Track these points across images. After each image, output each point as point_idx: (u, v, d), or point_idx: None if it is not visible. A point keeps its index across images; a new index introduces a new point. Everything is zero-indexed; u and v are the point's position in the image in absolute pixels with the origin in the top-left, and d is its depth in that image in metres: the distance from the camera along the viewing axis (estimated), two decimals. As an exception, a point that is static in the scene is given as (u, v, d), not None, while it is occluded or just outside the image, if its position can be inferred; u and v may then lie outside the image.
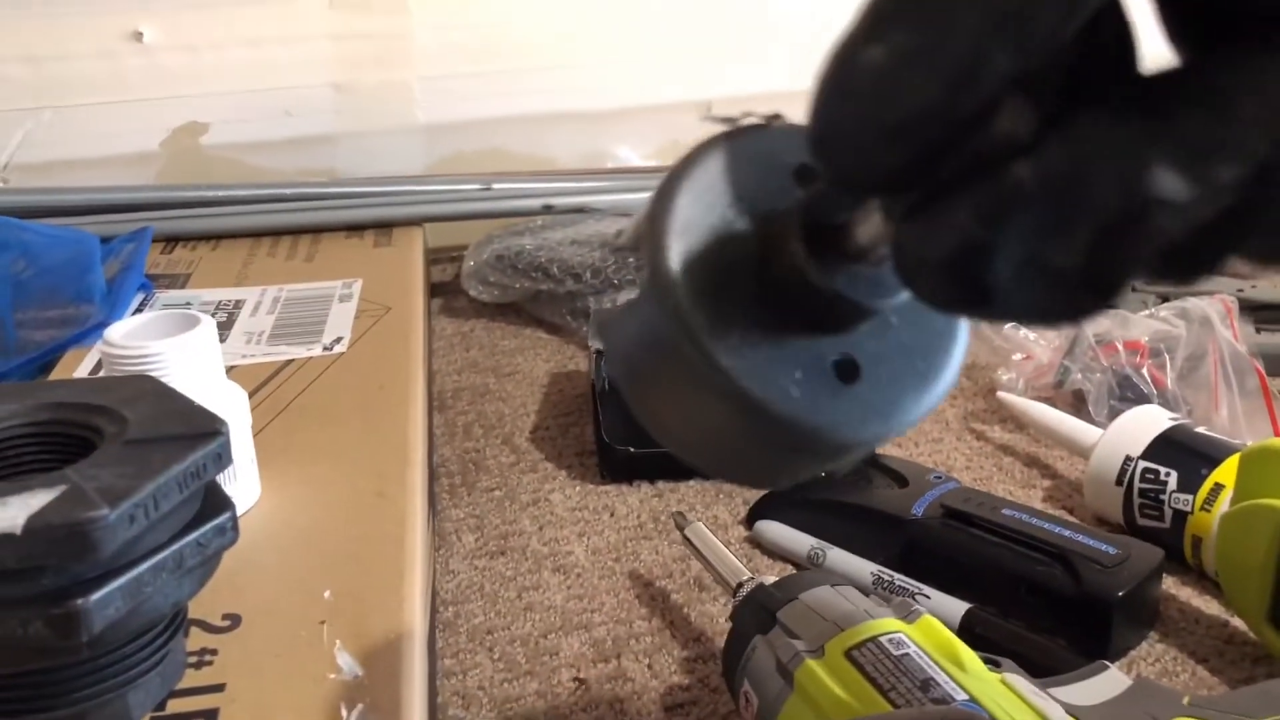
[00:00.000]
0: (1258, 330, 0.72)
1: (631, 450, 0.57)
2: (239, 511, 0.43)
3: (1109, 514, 0.54)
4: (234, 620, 0.37)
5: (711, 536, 0.46)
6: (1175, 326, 0.65)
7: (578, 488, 0.59)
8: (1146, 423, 0.53)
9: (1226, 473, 0.49)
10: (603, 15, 0.97)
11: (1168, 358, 0.64)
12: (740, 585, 0.42)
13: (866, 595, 0.39)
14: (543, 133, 0.98)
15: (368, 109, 0.94)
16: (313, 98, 0.92)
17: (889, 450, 0.61)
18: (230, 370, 0.55)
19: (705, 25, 1.00)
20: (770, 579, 0.42)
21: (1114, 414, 0.59)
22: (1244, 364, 0.62)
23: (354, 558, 0.40)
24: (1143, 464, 0.52)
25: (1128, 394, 0.61)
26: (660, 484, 0.59)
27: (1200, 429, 0.53)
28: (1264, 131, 0.15)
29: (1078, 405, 0.63)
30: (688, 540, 0.46)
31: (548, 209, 0.78)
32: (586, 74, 0.98)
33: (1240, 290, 0.74)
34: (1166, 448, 0.52)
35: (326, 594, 0.38)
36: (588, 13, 0.96)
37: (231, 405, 0.42)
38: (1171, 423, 0.53)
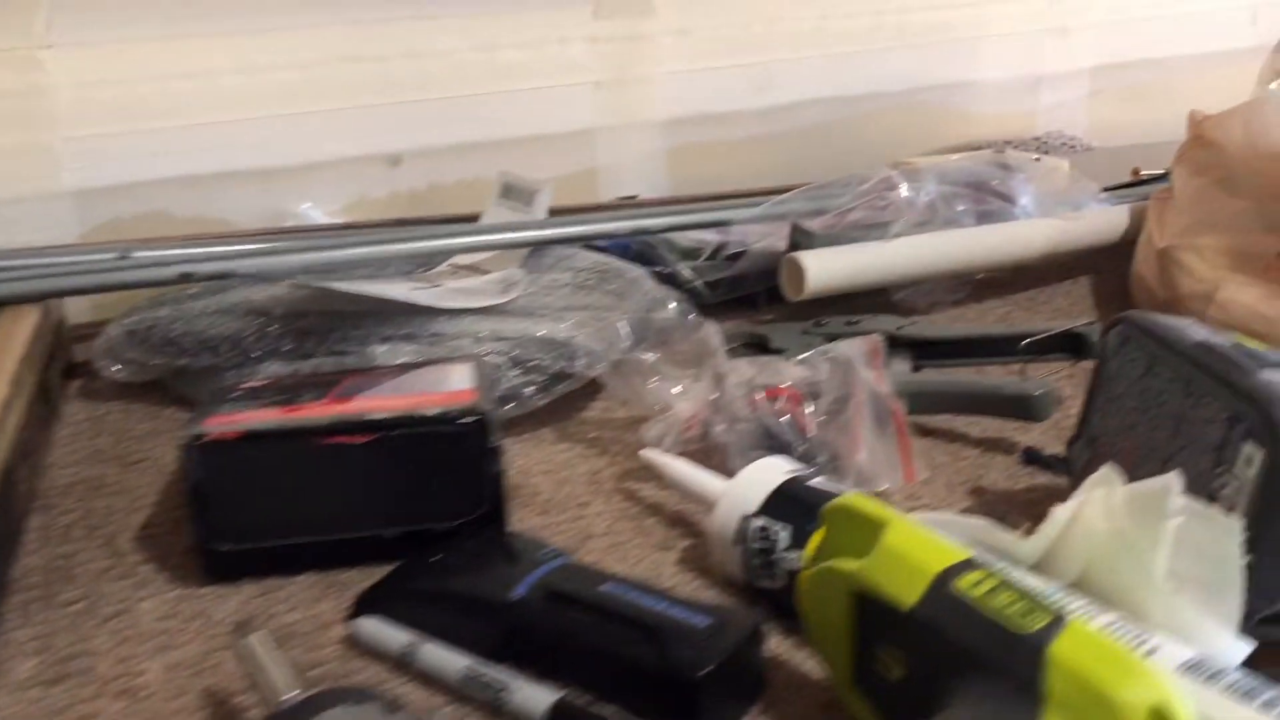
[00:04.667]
0: (915, 368, 0.73)
1: (227, 548, 0.52)
2: None
3: (735, 574, 0.52)
4: None
5: (271, 647, 0.41)
6: (819, 371, 0.64)
7: (174, 593, 0.53)
8: (763, 477, 0.51)
9: (832, 527, 0.47)
10: (272, 67, 0.91)
11: (812, 404, 0.63)
12: (280, 704, 0.38)
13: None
14: (213, 193, 0.92)
15: (3, 174, 0.85)
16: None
17: (519, 521, 0.58)
18: None
19: (391, 74, 0.96)
20: (310, 693, 0.37)
21: (756, 465, 0.58)
22: (886, 406, 0.62)
23: None
24: (757, 521, 0.50)
25: (768, 444, 0.60)
26: (271, 581, 0.53)
27: (816, 480, 0.51)
28: None
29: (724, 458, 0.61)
30: (237, 655, 0.41)
31: (186, 278, 0.71)
32: (259, 129, 0.92)
33: (900, 327, 0.74)
34: (781, 503, 0.50)
35: None
36: (254, 65, 0.91)
37: None
38: (788, 475, 0.51)
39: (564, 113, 1.04)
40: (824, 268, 0.78)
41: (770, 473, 0.52)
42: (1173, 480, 0.40)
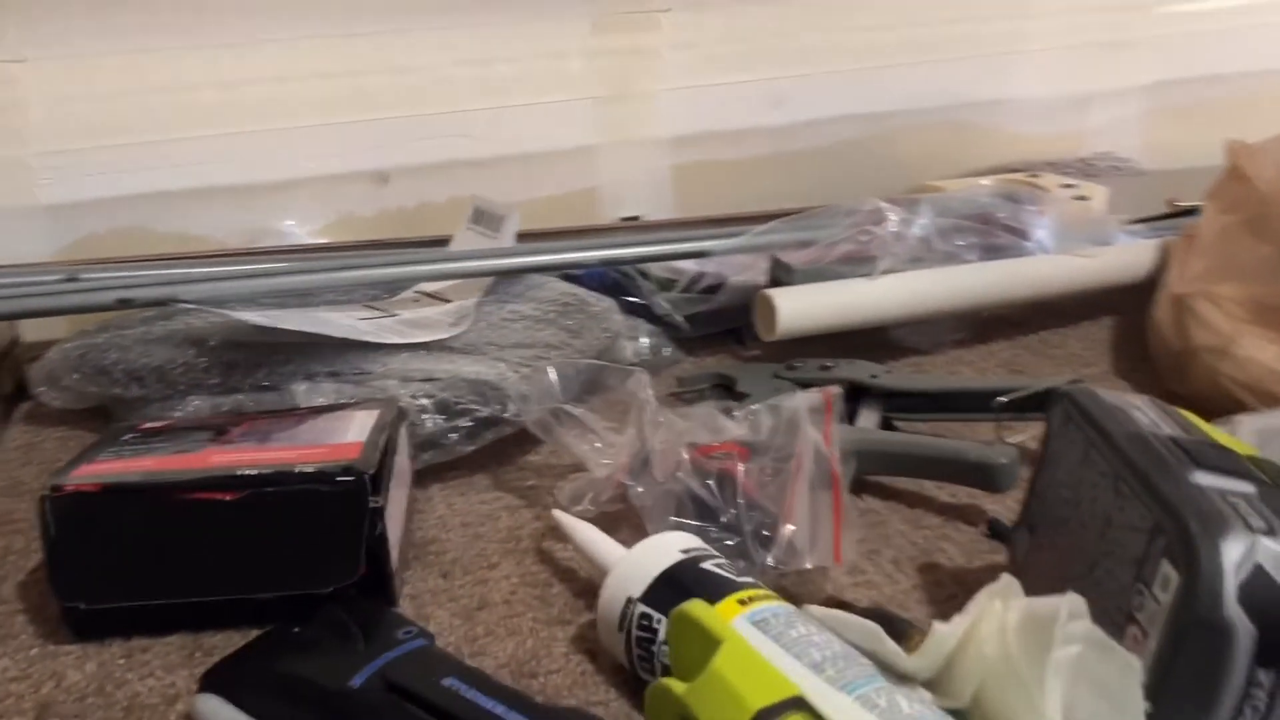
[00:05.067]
0: (884, 421, 0.67)
1: (85, 607, 0.49)
2: None
3: (623, 662, 0.47)
4: None
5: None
6: (761, 426, 0.58)
7: (35, 650, 0.50)
8: (653, 556, 0.46)
9: (711, 621, 0.42)
10: (251, 81, 0.89)
11: (749, 464, 0.57)
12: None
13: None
14: (192, 210, 0.90)
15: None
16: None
17: (419, 583, 0.53)
18: None
19: (376, 89, 0.93)
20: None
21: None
22: (828, 471, 0.56)
23: None
24: (640, 608, 0.45)
25: (692, 509, 0.55)
26: (136, 641, 0.50)
27: (714, 563, 0.46)
28: None
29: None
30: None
31: (124, 303, 0.69)
32: (238, 144, 0.90)
33: (873, 375, 0.68)
34: (665, 589, 0.45)
35: None
36: (232, 79, 0.88)
37: None
38: (681, 556, 0.46)
39: (561, 130, 0.99)
40: (798, 307, 0.72)
41: (662, 551, 0.47)
42: (1065, 604, 0.34)
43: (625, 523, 0.58)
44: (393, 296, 0.79)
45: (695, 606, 0.36)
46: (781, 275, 0.76)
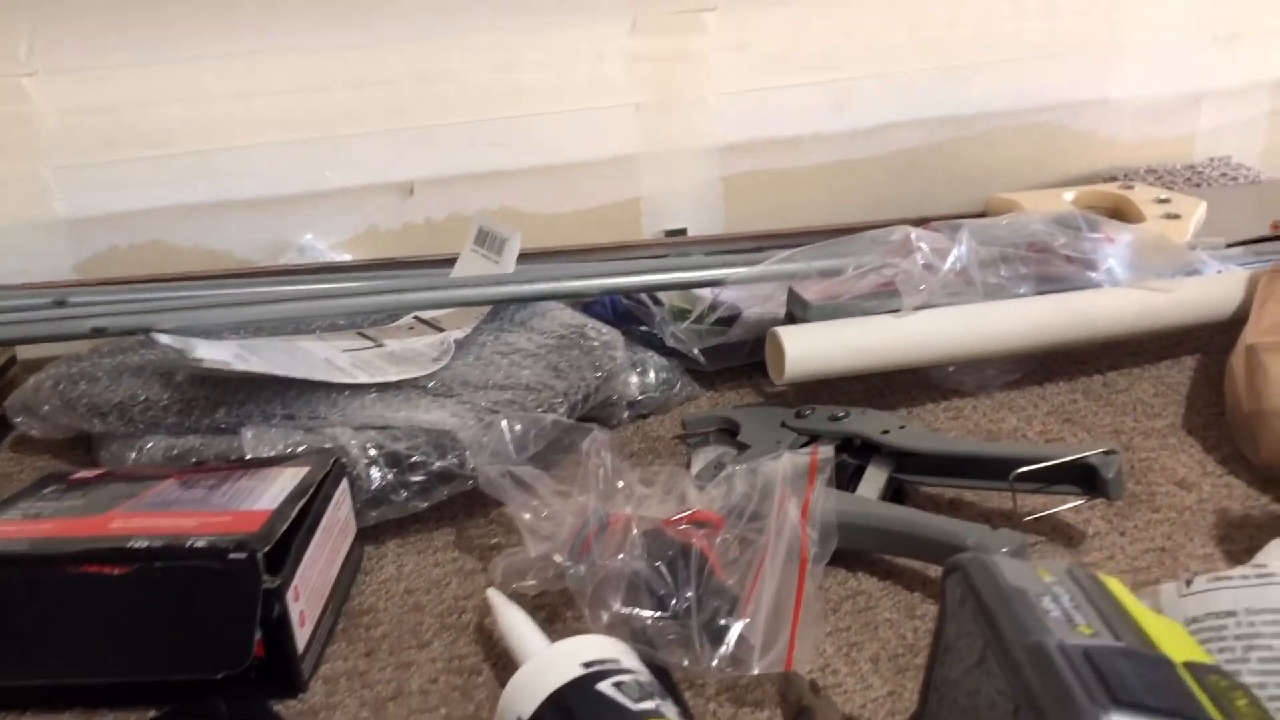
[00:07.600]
0: (892, 487, 0.59)
1: (-32, 683, 0.46)
2: None
3: (519, 783, 0.41)
4: None
5: None
6: (733, 493, 0.52)
7: (-73, 721, 0.48)
8: (550, 670, 0.41)
9: (591, 761, 0.36)
10: (268, 91, 0.86)
11: (723, 536, 0.51)
12: None
13: None
14: (211, 223, 0.88)
15: (-5, 204, 0.83)
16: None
17: (341, 661, 0.48)
18: None
19: (400, 98, 0.89)
20: None
21: (617, 622, 0.48)
22: (798, 554, 0.49)
23: None
24: (526, 731, 0.39)
25: (641, 595, 0.49)
26: (31, 716, 0.47)
27: (610, 683, 0.40)
28: None
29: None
30: None
31: (99, 332, 0.66)
32: (256, 157, 0.87)
33: (885, 431, 0.61)
34: (552, 713, 0.39)
35: None
36: (248, 89, 0.85)
37: None
38: (580, 672, 0.40)
39: (600, 138, 0.94)
40: (809, 348, 0.65)
41: (561, 664, 0.41)
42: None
43: (565, 606, 0.53)
44: (391, 323, 0.75)
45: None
46: (797, 310, 0.69)
